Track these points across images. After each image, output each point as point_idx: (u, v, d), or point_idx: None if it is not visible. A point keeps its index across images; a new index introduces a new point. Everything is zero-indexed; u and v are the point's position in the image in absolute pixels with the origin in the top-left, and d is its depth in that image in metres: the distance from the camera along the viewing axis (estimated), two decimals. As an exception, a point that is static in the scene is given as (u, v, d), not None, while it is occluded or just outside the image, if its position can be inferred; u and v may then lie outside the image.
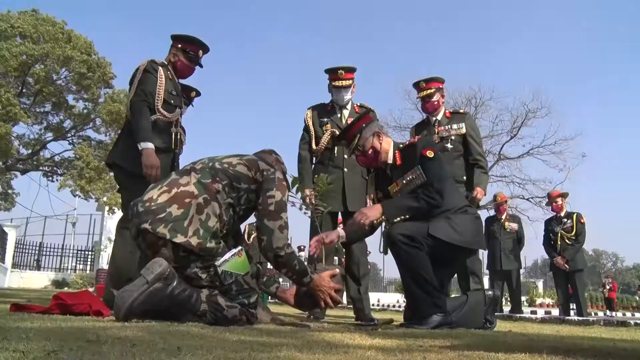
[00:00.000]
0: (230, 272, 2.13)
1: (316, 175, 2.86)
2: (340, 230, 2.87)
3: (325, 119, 3.77)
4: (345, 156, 3.62)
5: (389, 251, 2.79)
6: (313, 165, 3.85)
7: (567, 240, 6.47)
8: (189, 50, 3.34)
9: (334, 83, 3.74)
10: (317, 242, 2.77)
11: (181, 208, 2.12)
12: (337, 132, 3.58)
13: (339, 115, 3.79)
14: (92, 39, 17.03)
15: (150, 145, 3.02)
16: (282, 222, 2.30)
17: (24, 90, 17.01)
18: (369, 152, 2.79)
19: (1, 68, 15.09)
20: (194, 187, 2.20)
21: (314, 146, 3.75)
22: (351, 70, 3.75)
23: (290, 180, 2.54)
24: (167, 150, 3.25)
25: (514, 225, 7.12)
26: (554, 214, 6.75)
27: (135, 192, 3.12)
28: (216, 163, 2.33)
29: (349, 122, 3.67)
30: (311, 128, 3.79)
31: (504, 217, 7.18)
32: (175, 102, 3.30)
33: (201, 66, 3.44)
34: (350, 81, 3.74)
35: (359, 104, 3.89)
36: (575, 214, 6.55)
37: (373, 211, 2.67)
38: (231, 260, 2.14)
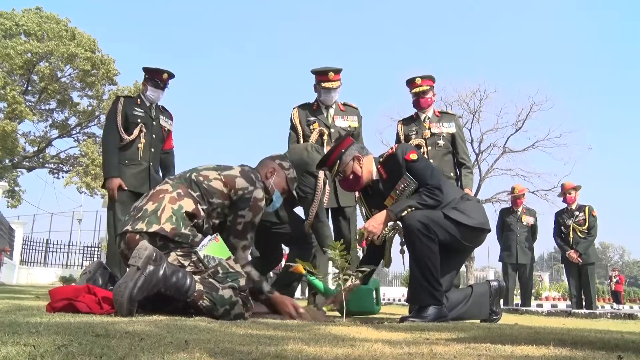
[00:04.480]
0: (212, 256, 2.16)
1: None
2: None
3: (313, 118, 3.87)
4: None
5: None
6: None
7: (579, 234, 6.41)
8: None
9: (324, 84, 3.83)
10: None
11: (155, 203, 2.26)
12: (325, 131, 3.80)
13: (325, 114, 3.90)
14: (95, 36, 17.10)
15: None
16: (246, 242, 2.43)
17: (29, 88, 17.11)
18: (350, 177, 2.79)
19: (6, 66, 15.18)
20: (169, 186, 2.36)
21: None
22: (339, 71, 3.89)
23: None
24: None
25: (531, 219, 7.01)
26: (565, 206, 6.67)
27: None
28: (193, 174, 2.44)
29: (335, 120, 3.88)
30: (298, 127, 3.87)
31: (520, 210, 7.06)
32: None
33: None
34: (339, 82, 3.87)
35: (342, 103, 4.00)
36: (587, 207, 6.47)
37: (379, 217, 2.66)
38: (209, 245, 2.19)
